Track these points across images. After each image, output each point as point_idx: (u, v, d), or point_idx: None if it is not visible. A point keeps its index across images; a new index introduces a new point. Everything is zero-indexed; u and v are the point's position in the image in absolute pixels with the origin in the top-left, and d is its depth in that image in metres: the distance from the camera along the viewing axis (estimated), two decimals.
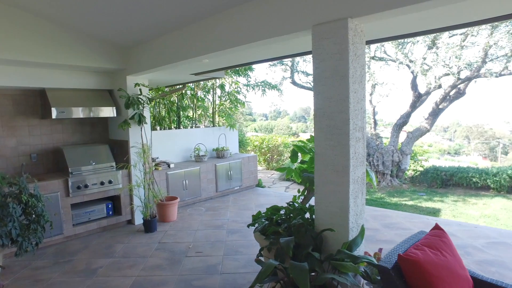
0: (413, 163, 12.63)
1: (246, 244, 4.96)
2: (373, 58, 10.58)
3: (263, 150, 15.45)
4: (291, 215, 3.32)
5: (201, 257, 4.54)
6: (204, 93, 9.47)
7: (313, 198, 3.36)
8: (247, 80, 10.25)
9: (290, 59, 11.87)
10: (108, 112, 5.71)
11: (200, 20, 4.04)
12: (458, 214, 7.65)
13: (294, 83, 12.33)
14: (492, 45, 8.76)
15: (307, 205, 3.59)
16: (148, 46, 5.06)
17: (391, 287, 2.15)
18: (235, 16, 3.58)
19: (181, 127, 9.02)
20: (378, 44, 10.48)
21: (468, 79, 9.87)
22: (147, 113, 5.90)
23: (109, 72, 5.83)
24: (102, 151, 5.73)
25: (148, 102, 5.81)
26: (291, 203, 3.56)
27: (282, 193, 8.48)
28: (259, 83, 10.33)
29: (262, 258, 3.12)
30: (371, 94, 11.87)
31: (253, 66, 9.69)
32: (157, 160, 6.92)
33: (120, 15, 4.10)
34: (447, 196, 9.36)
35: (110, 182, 5.52)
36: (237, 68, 9.06)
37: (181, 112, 9.07)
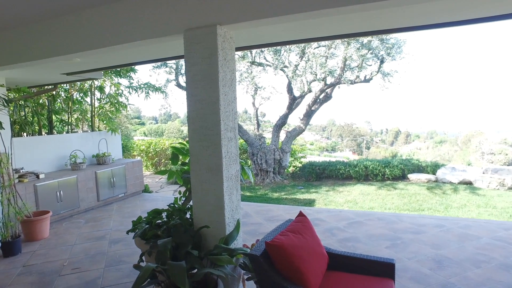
0: (293, 160, 13.89)
1: (130, 252, 4.74)
2: (253, 63, 11.27)
3: (150, 155, 14.88)
4: (174, 216, 3.34)
5: (78, 273, 4.16)
6: (81, 95, 8.63)
7: None
8: (129, 81, 9.73)
9: (174, 61, 11.72)
10: None
11: (68, 14, 3.70)
12: (328, 202, 8.74)
13: (179, 85, 12.22)
14: (348, 57, 10.33)
15: (188, 206, 3.64)
16: (3, 37, 4.38)
17: (261, 272, 2.38)
18: (106, 14, 3.41)
19: (54, 132, 8.04)
20: (258, 50, 11.22)
21: (333, 85, 11.39)
22: (4, 117, 5.10)
23: None
24: None
25: (5, 104, 5.02)
26: (172, 205, 3.57)
27: (170, 197, 8.35)
28: (142, 85, 9.92)
29: (143, 264, 3.05)
30: (253, 97, 12.59)
31: (136, 67, 9.26)
32: (21, 171, 6.04)
33: None
34: (321, 187, 10.61)
35: None
36: (118, 69, 8.53)
37: (54, 116, 8.08)
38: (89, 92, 8.68)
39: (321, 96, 11.89)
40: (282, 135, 12.83)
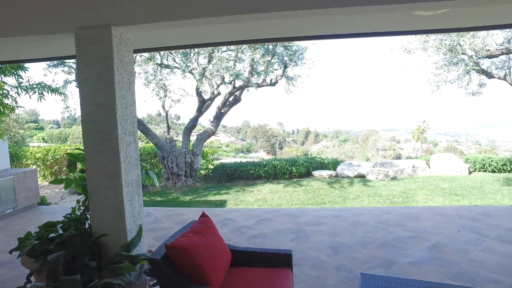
0: (205, 163, 13.91)
1: (17, 275, 4.22)
2: (160, 65, 10.98)
3: (48, 163, 13.41)
4: (71, 228, 3.10)
5: None
6: None
7: None
8: (17, 81, 8.60)
9: (74, 60, 10.76)
10: None
11: None
12: (239, 202, 9.00)
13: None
14: (255, 62, 10.79)
15: (88, 215, 3.42)
16: None
17: (161, 275, 2.38)
18: None
19: None
20: (167, 52, 10.96)
21: (241, 88, 11.76)
22: None
23: None
24: None
25: None
26: (69, 215, 3.31)
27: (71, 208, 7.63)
28: (34, 85, 8.86)
29: (30, 285, 2.77)
30: (163, 99, 12.26)
31: (26, 64, 8.23)
32: None
33: None
34: (232, 188, 10.84)
35: None
36: (1, 66, 7.48)
37: None
38: None
39: (230, 99, 12.16)
40: (194, 138, 12.77)
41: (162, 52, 10.60)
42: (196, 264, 2.38)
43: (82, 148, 3.91)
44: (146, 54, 10.40)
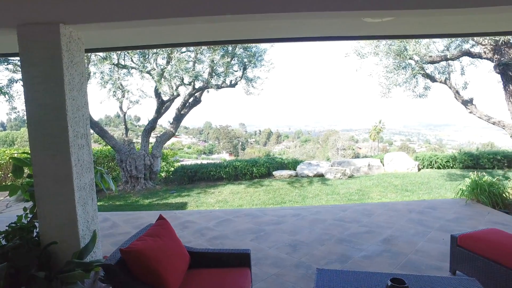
0: (165, 165, 13.61)
1: None
2: (117, 65, 10.59)
3: None
4: (17, 238, 2.91)
5: None
6: None
7: None
8: None
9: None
10: None
11: None
12: (200, 204, 8.92)
13: None
14: (214, 63, 10.75)
15: (36, 223, 3.24)
16: None
17: (116, 281, 2.32)
18: None
19: None
20: (124, 52, 10.59)
21: (201, 89, 11.66)
22: None
23: None
24: None
25: None
26: (13, 224, 3.11)
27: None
28: None
29: None
30: (120, 100, 11.84)
31: None
32: None
33: None
34: (193, 190, 10.72)
35: None
36: None
37: None
38: None
39: (190, 100, 12.01)
40: (154, 140, 12.46)
41: (119, 52, 10.24)
42: (152, 268, 2.35)
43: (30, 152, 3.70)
44: (101, 54, 10.00)
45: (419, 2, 2.94)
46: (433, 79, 8.26)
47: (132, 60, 10.81)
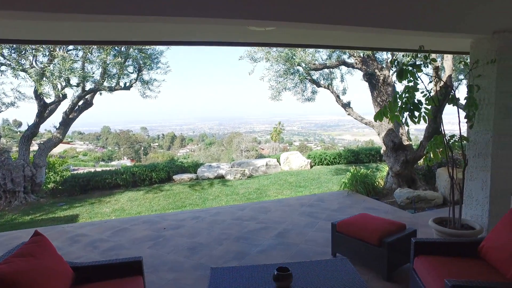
0: (53, 175, 12.15)
1: None
2: None
3: None
4: None
5: None
6: None
7: None
8: None
9: None
10: None
11: None
12: (94, 214, 8.24)
13: None
14: (107, 64, 10.04)
15: None
16: None
17: None
18: None
19: None
20: None
21: (93, 91, 10.75)
22: None
23: None
24: None
25: None
26: None
27: None
28: None
29: None
30: None
31: None
32: None
33: None
34: (86, 200, 9.82)
35: None
36: None
37: None
38: None
39: (80, 103, 10.99)
40: (36, 147, 11.01)
41: None
42: None
43: None
44: None
45: (296, 15, 3.30)
46: (318, 85, 9.20)
47: (2, 55, 9.33)
